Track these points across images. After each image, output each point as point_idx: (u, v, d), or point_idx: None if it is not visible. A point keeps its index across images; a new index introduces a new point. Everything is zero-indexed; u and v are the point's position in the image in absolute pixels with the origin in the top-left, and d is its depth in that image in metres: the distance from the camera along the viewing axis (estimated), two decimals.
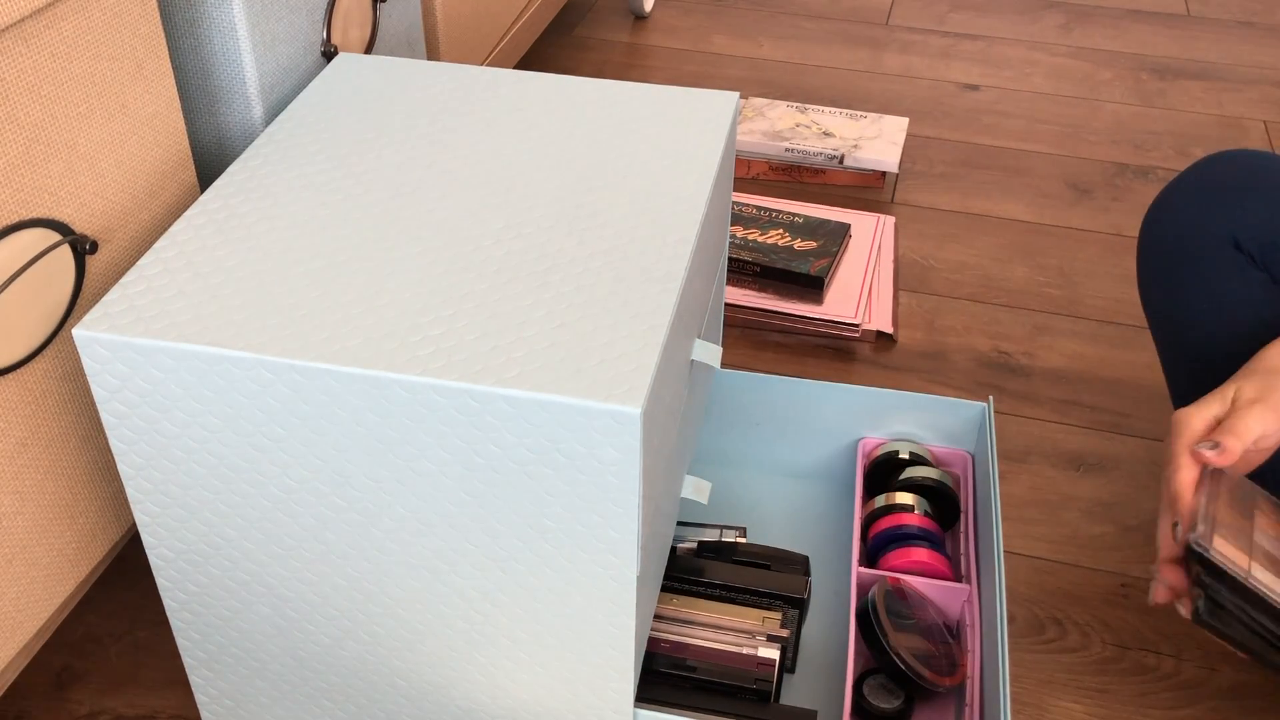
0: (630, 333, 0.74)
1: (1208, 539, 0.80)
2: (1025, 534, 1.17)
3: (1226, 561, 0.80)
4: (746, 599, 1.00)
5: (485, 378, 0.70)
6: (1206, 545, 0.80)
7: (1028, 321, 1.45)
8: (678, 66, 2.01)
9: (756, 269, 1.46)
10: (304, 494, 0.77)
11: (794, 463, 1.20)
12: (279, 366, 0.71)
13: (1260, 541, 0.83)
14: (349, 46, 1.11)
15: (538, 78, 1.02)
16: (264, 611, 0.85)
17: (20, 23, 0.73)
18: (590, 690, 0.83)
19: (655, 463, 0.76)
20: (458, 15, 1.42)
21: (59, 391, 0.83)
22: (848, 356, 1.39)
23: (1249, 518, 0.84)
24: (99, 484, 0.89)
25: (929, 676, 0.95)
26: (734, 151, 1.04)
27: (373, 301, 0.76)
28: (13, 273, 0.76)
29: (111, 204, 0.85)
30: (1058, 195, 1.70)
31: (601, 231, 0.83)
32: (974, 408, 1.11)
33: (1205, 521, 0.81)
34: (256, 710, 0.92)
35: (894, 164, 1.67)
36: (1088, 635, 1.08)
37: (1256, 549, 0.82)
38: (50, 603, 0.87)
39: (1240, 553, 0.81)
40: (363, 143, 0.92)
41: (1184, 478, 0.85)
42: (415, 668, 0.85)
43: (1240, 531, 0.82)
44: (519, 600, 0.79)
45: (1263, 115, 1.90)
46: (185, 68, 0.96)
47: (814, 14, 2.20)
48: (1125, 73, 2.03)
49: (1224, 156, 1.01)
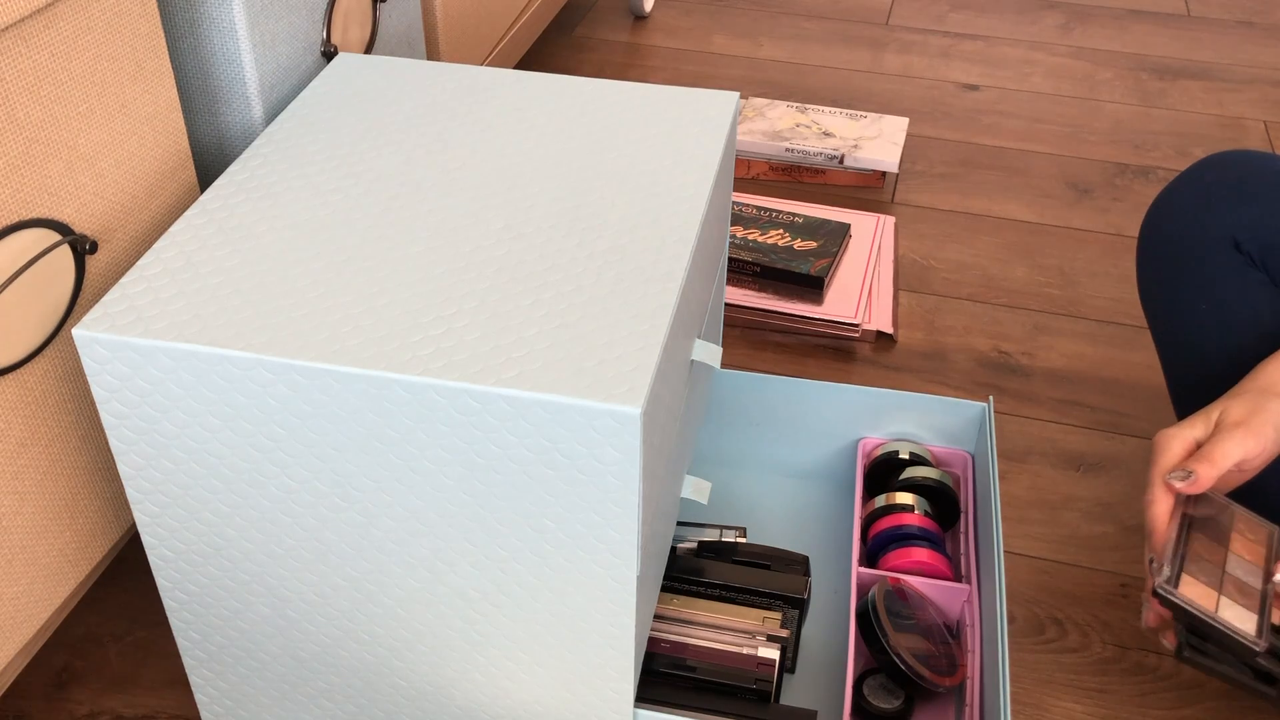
0: (630, 333, 0.74)
1: (1173, 582, 0.81)
2: (1025, 534, 1.17)
3: (1192, 604, 0.80)
4: (746, 599, 1.00)
5: (485, 378, 0.70)
6: (1171, 590, 0.80)
7: (1028, 321, 1.45)
8: (678, 66, 2.01)
9: (756, 269, 1.46)
10: (304, 494, 0.77)
11: (794, 463, 1.20)
12: (279, 366, 0.71)
13: (1233, 571, 0.83)
14: (349, 46, 1.11)
15: (538, 78, 1.02)
16: (264, 611, 0.85)
17: (20, 23, 0.73)
18: (590, 690, 0.83)
19: (655, 463, 0.76)
20: (458, 15, 1.42)
21: (59, 391, 0.83)
22: (848, 356, 1.39)
23: (1224, 543, 0.84)
24: (99, 484, 0.89)
25: (929, 676, 0.95)
26: (734, 151, 1.04)
27: (373, 301, 0.76)
28: (13, 273, 0.76)
29: (111, 204, 0.85)
30: (1058, 195, 1.70)
31: (601, 231, 0.83)
32: (974, 408, 1.11)
33: (1172, 563, 0.82)
34: (256, 710, 0.92)
35: (894, 164, 1.67)
36: (1088, 635, 1.08)
37: (1228, 581, 0.82)
38: (50, 603, 0.87)
39: (1208, 590, 0.81)
40: (363, 143, 0.92)
41: (1158, 511, 0.85)
42: (415, 668, 0.85)
43: (1211, 564, 0.83)
44: (519, 600, 0.79)
45: (1263, 115, 1.90)
46: (185, 68, 0.96)
47: (814, 14, 2.20)
48: (1125, 73, 2.03)
49: (1224, 157, 1.01)
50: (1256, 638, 0.79)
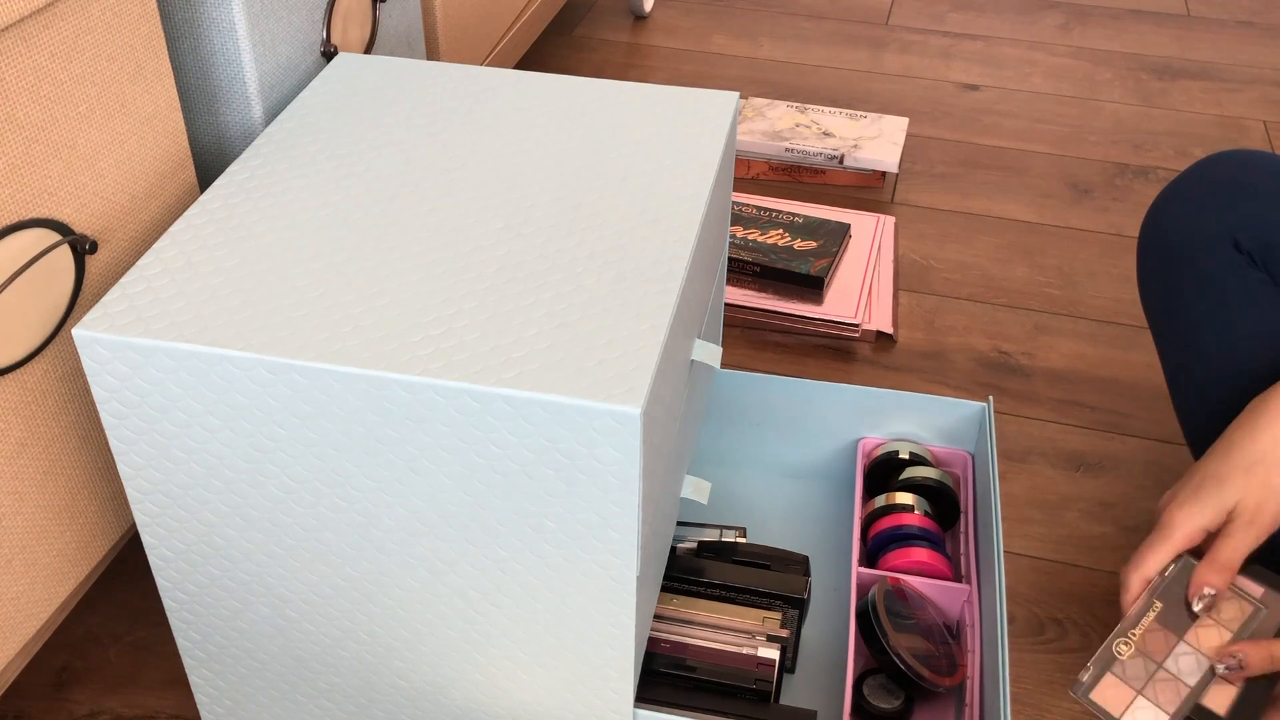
0: (630, 333, 0.74)
1: (1089, 686, 0.83)
2: (1025, 534, 1.17)
3: (1100, 709, 0.83)
4: (746, 599, 1.00)
5: (485, 378, 0.70)
6: (1081, 695, 0.83)
7: (1028, 321, 1.45)
8: (678, 66, 2.01)
9: (756, 269, 1.46)
10: (304, 494, 0.77)
11: (794, 463, 1.20)
12: (279, 366, 0.71)
13: (1172, 666, 0.83)
14: (349, 46, 1.11)
15: (538, 78, 1.02)
16: (264, 611, 0.85)
17: (20, 23, 0.73)
18: (590, 690, 0.83)
19: (655, 463, 0.76)
20: (458, 15, 1.42)
21: (59, 391, 0.83)
22: (848, 356, 1.39)
23: (1182, 632, 0.84)
24: (99, 484, 0.89)
25: (929, 676, 0.95)
26: (734, 151, 1.04)
27: (373, 301, 0.76)
28: (13, 273, 0.76)
29: (111, 204, 0.85)
30: (1058, 195, 1.70)
31: (601, 231, 0.83)
32: (974, 408, 1.11)
33: (1097, 664, 0.84)
34: (256, 710, 0.92)
35: (894, 164, 1.67)
36: (1088, 635, 1.08)
37: (1159, 678, 0.83)
38: (50, 603, 0.87)
39: (1126, 692, 0.83)
40: (363, 143, 0.92)
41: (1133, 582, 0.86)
42: (415, 668, 0.85)
43: (1148, 659, 0.84)
44: (519, 600, 0.79)
45: (1263, 115, 1.90)
46: (185, 68, 0.96)
47: (814, 14, 2.20)
48: (1125, 73, 2.03)
49: (1224, 157, 1.01)
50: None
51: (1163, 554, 0.85)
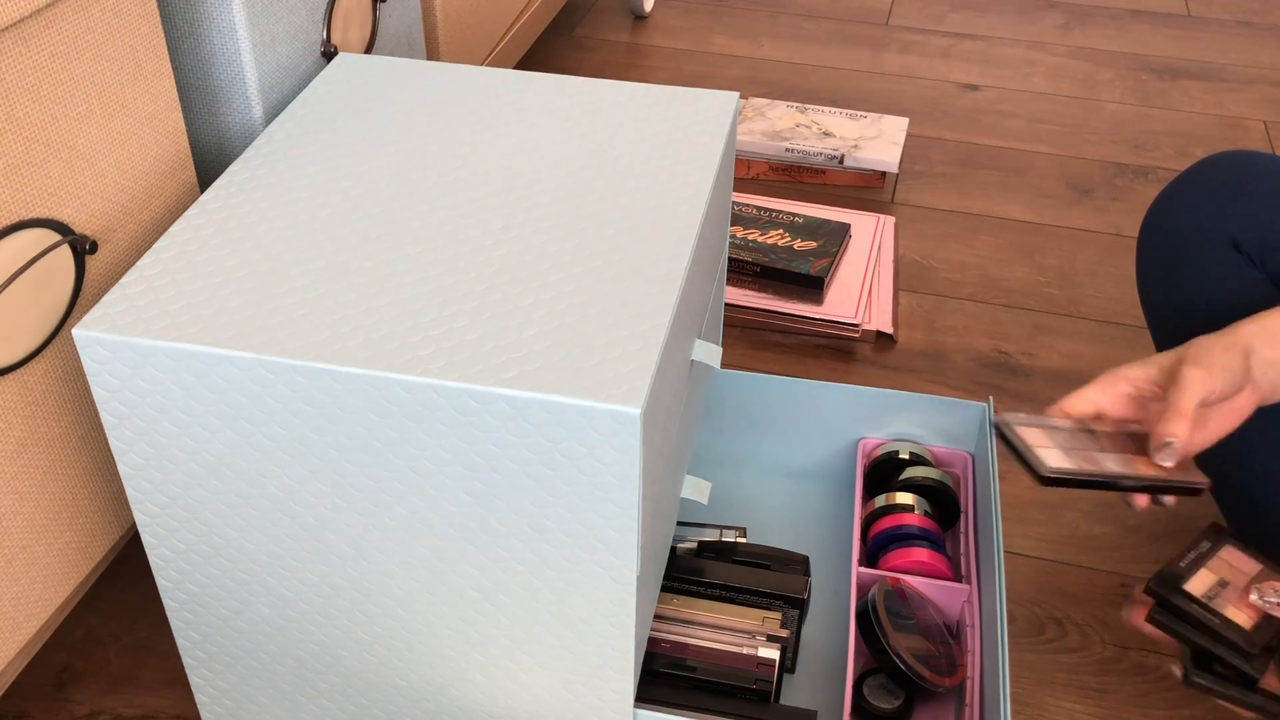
0: (630, 333, 0.74)
1: (1016, 423, 0.78)
2: (1025, 534, 1.17)
3: (1015, 438, 0.77)
4: (746, 599, 1.00)
5: (485, 378, 0.70)
6: (1008, 425, 0.77)
7: (1028, 321, 1.45)
8: (678, 66, 2.01)
9: (756, 269, 1.46)
10: (304, 494, 0.77)
11: (794, 463, 1.20)
12: (279, 366, 0.71)
13: (1100, 455, 0.80)
14: (349, 46, 1.11)
15: (538, 78, 1.02)
16: (264, 611, 0.85)
17: (20, 23, 0.73)
18: (590, 690, 0.83)
19: (655, 463, 0.76)
20: (458, 15, 1.42)
21: (59, 391, 0.83)
22: (848, 356, 1.39)
23: (1120, 451, 0.82)
24: (99, 484, 0.89)
25: (929, 676, 0.95)
26: (734, 151, 1.04)
27: (373, 301, 0.76)
28: (13, 273, 0.76)
29: (111, 204, 0.85)
30: (1058, 195, 1.70)
31: (601, 231, 0.83)
32: (974, 408, 1.11)
33: (1032, 416, 0.79)
34: (256, 710, 0.92)
35: (894, 164, 1.67)
36: (1088, 635, 1.08)
37: (1079, 448, 0.79)
38: (50, 603, 0.87)
39: (1045, 438, 0.78)
40: (363, 143, 0.92)
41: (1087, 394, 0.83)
42: (415, 668, 0.85)
43: (1084, 440, 0.79)
44: (519, 600, 0.79)
45: (1263, 115, 1.90)
46: (185, 68, 0.96)
47: (814, 14, 2.20)
48: (1125, 73, 2.03)
49: (1224, 157, 1.01)
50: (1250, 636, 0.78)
51: (1136, 370, 0.84)
